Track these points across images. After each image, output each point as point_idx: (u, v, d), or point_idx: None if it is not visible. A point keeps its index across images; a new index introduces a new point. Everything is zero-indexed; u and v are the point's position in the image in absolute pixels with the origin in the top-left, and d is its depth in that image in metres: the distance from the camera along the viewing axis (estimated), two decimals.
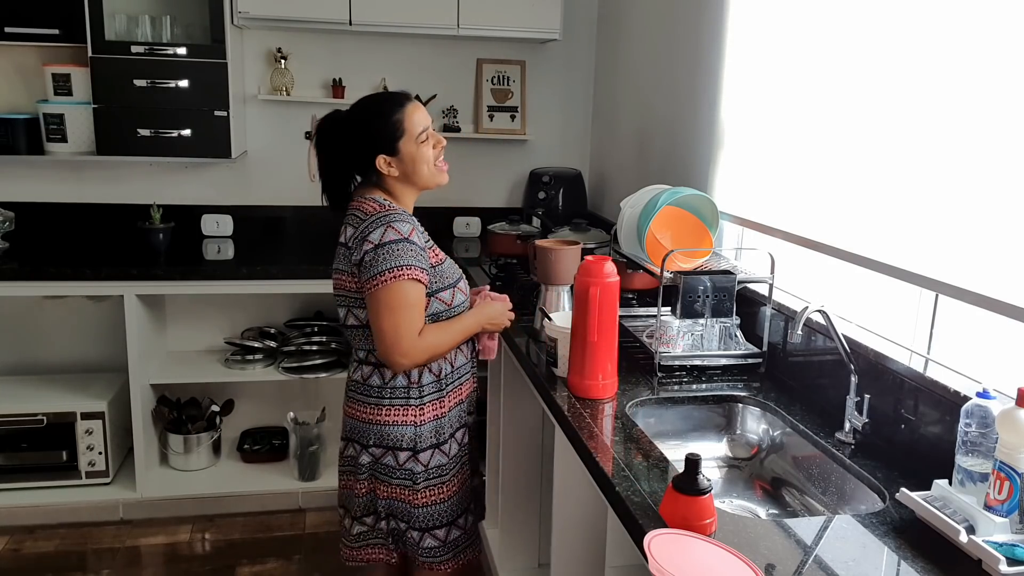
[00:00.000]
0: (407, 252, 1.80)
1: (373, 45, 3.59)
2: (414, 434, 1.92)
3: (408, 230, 1.82)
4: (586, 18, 3.75)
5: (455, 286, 1.95)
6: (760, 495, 1.87)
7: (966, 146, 1.56)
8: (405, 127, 1.86)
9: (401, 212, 1.87)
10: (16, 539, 3.07)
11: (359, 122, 1.89)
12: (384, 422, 1.91)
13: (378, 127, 1.87)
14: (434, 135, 1.92)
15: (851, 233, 1.89)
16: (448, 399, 1.97)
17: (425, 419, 1.93)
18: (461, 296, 1.97)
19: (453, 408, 1.99)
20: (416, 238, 1.84)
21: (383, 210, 1.85)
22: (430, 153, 1.90)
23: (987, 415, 1.34)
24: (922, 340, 1.75)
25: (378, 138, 1.87)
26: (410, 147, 1.87)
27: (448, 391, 1.97)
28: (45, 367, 3.53)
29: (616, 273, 1.85)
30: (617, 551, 1.59)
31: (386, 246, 1.79)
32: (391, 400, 1.92)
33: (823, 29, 2.01)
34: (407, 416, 1.91)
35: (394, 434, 1.91)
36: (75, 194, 3.48)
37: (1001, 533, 1.28)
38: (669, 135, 2.90)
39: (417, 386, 1.92)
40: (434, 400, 1.94)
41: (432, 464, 1.94)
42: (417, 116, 1.88)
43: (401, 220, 1.83)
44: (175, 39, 3.21)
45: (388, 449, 1.92)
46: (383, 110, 1.88)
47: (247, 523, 3.24)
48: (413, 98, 1.92)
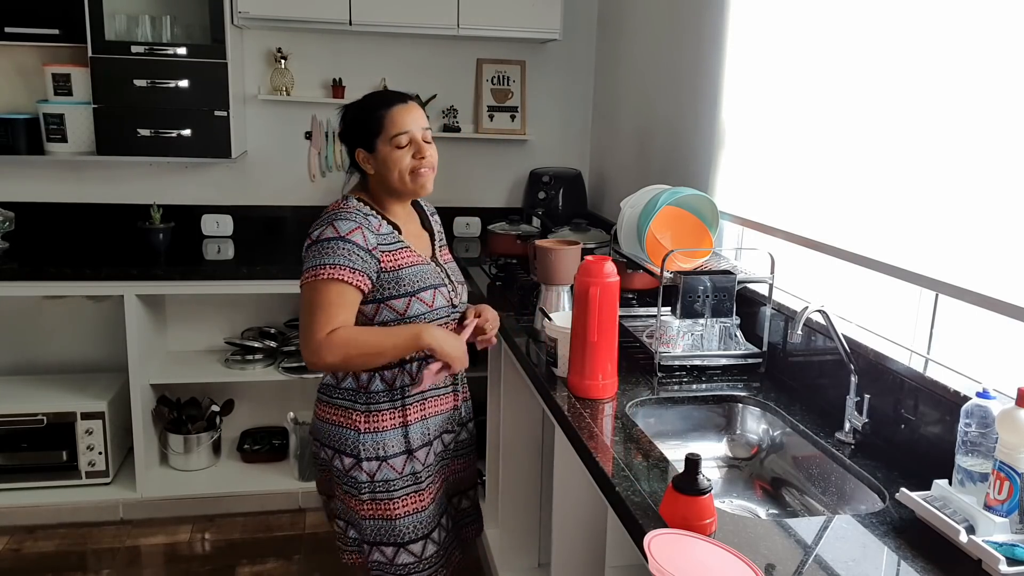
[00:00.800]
0: (337, 250, 1.73)
1: (373, 45, 3.59)
2: (356, 440, 1.85)
3: (349, 229, 1.76)
4: (586, 18, 3.75)
5: (415, 295, 1.83)
6: (760, 495, 1.87)
7: (966, 146, 1.56)
8: (383, 125, 1.81)
9: (352, 211, 1.81)
10: (16, 539, 3.07)
11: (351, 115, 1.87)
12: (331, 421, 1.89)
13: (360, 120, 1.84)
14: (418, 143, 1.83)
15: (851, 233, 1.89)
16: (405, 413, 1.88)
17: (370, 428, 1.85)
18: (422, 307, 1.83)
19: (413, 423, 1.89)
20: (359, 238, 1.76)
21: (337, 207, 1.82)
22: (405, 160, 1.82)
23: (987, 415, 1.34)
24: (922, 340, 1.75)
25: (359, 131, 1.84)
26: (385, 147, 1.81)
27: (407, 404, 1.88)
28: (45, 367, 3.53)
29: (616, 273, 1.85)
30: (617, 551, 1.59)
31: (319, 243, 1.75)
32: (339, 400, 1.88)
33: (823, 29, 2.01)
34: (350, 420, 1.86)
35: (337, 436, 1.87)
36: (75, 194, 3.48)
37: (1001, 533, 1.28)
38: (669, 135, 2.89)
39: (364, 391, 1.86)
40: (385, 411, 1.86)
41: (378, 478, 1.85)
42: (402, 118, 1.81)
43: (346, 219, 1.77)
44: (175, 39, 3.21)
45: (336, 451, 1.88)
46: (370, 104, 1.85)
47: (247, 523, 3.24)
48: (410, 100, 1.86)
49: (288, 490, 3.34)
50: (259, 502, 3.32)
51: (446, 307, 1.90)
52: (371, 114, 1.82)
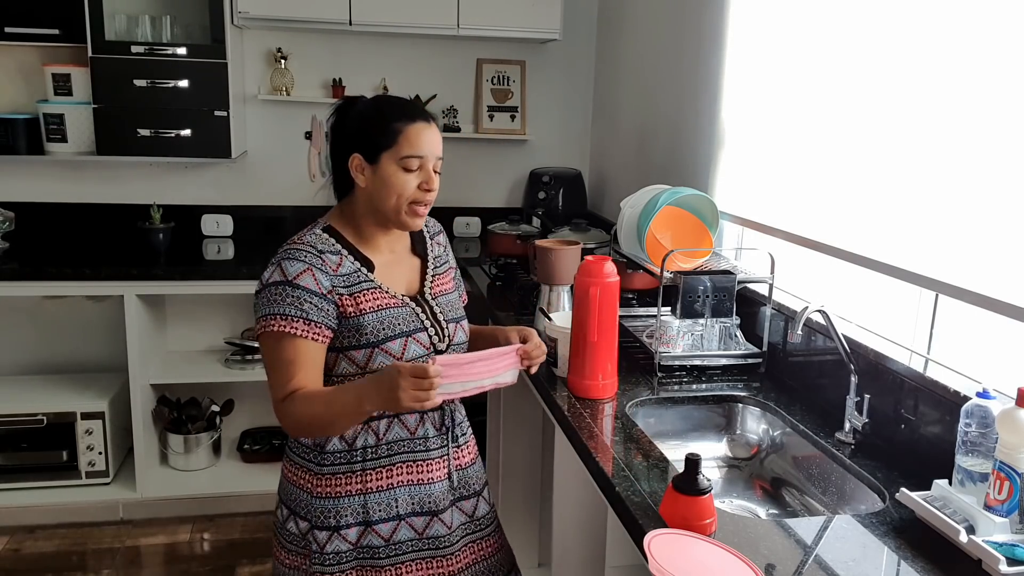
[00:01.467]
0: (286, 298, 1.49)
1: (373, 45, 3.59)
2: (308, 503, 1.59)
3: (297, 271, 1.51)
4: (586, 18, 3.75)
5: (378, 345, 1.54)
6: (760, 495, 1.87)
7: (966, 146, 1.56)
8: (397, 140, 1.53)
9: (305, 248, 1.55)
10: (16, 539, 3.07)
11: (361, 112, 1.59)
12: (288, 478, 1.65)
13: (371, 124, 1.55)
14: (428, 172, 1.56)
15: (851, 233, 1.89)
16: (364, 479, 1.58)
17: (322, 491, 1.58)
18: (386, 359, 1.54)
19: (375, 492, 1.58)
20: (309, 281, 1.50)
21: (294, 241, 1.57)
22: (409, 187, 1.54)
23: (987, 415, 1.34)
24: (922, 340, 1.75)
25: (365, 135, 1.55)
26: (390, 165, 1.53)
27: (366, 468, 1.58)
28: (45, 367, 3.53)
29: (616, 273, 1.85)
30: (617, 551, 1.59)
31: (268, 288, 1.52)
32: (295, 456, 1.64)
33: (823, 29, 2.01)
34: (303, 479, 1.61)
35: (293, 495, 1.62)
36: (75, 194, 3.48)
37: (1001, 533, 1.28)
38: (669, 135, 2.89)
39: (318, 450, 1.59)
40: (341, 474, 1.58)
41: (329, 549, 1.57)
42: (420, 138, 1.54)
43: (295, 258, 1.52)
44: (175, 39, 3.21)
45: (292, 513, 1.62)
46: (388, 112, 1.57)
47: (247, 523, 3.24)
48: (431, 119, 1.59)
49: None
50: (259, 502, 3.32)
51: (423, 357, 1.58)
52: (387, 123, 1.54)
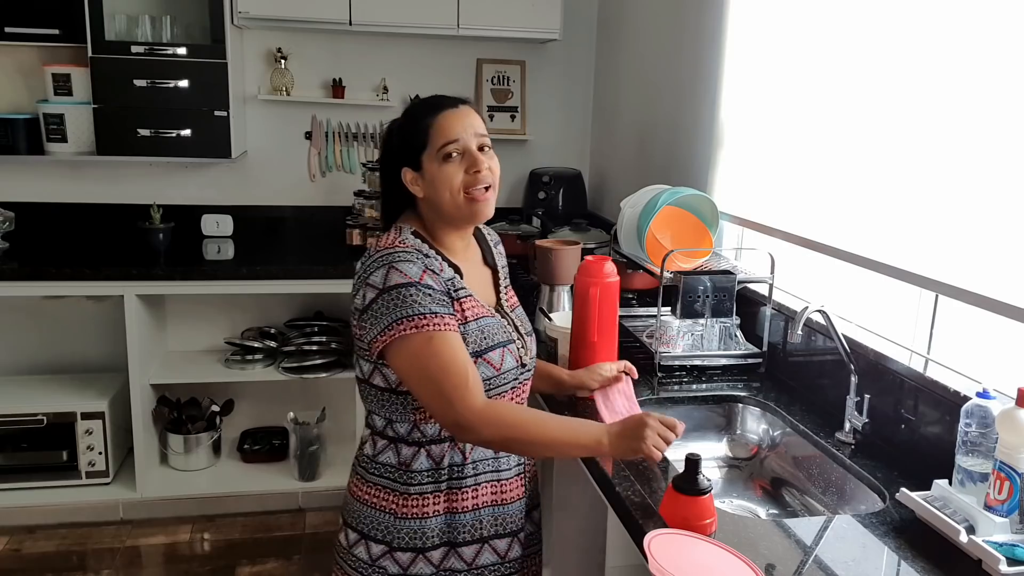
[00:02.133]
0: (420, 298, 1.40)
1: (373, 45, 3.59)
2: (391, 525, 1.51)
3: (416, 272, 1.42)
4: (586, 18, 3.75)
5: (481, 355, 1.48)
6: (760, 495, 1.87)
7: (965, 146, 1.56)
8: (429, 136, 1.46)
9: (411, 251, 1.45)
10: (16, 539, 3.07)
11: (398, 125, 1.54)
12: (363, 500, 1.54)
13: (406, 133, 1.50)
14: (471, 154, 1.47)
15: (851, 233, 1.89)
16: (450, 498, 1.51)
17: (409, 512, 1.50)
18: (488, 370, 1.49)
19: (460, 512, 1.52)
20: (430, 280, 1.43)
21: (392, 245, 1.47)
22: (456, 177, 1.46)
23: (987, 415, 1.34)
24: (922, 340, 1.75)
25: (405, 146, 1.50)
26: (432, 165, 1.46)
27: (451, 488, 1.51)
28: (45, 367, 3.53)
29: (616, 273, 1.85)
30: (617, 551, 1.59)
31: (392, 291, 1.40)
32: (375, 476, 1.53)
33: (823, 30, 2.01)
34: (387, 500, 1.52)
35: (370, 518, 1.53)
36: (75, 194, 3.48)
37: (1001, 533, 1.28)
38: (669, 135, 2.90)
39: (403, 469, 1.50)
40: (428, 493, 1.50)
41: (412, 572, 1.51)
42: (451, 125, 1.46)
43: (407, 260, 1.43)
44: (175, 39, 3.21)
45: (363, 537, 1.53)
46: (416, 113, 1.51)
47: (247, 523, 3.24)
48: (462, 103, 1.51)
49: (288, 490, 3.34)
50: (259, 502, 3.32)
51: (515, 369, 1.54)
52: (417, 124, 1.48)
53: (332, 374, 3.39)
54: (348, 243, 3.37)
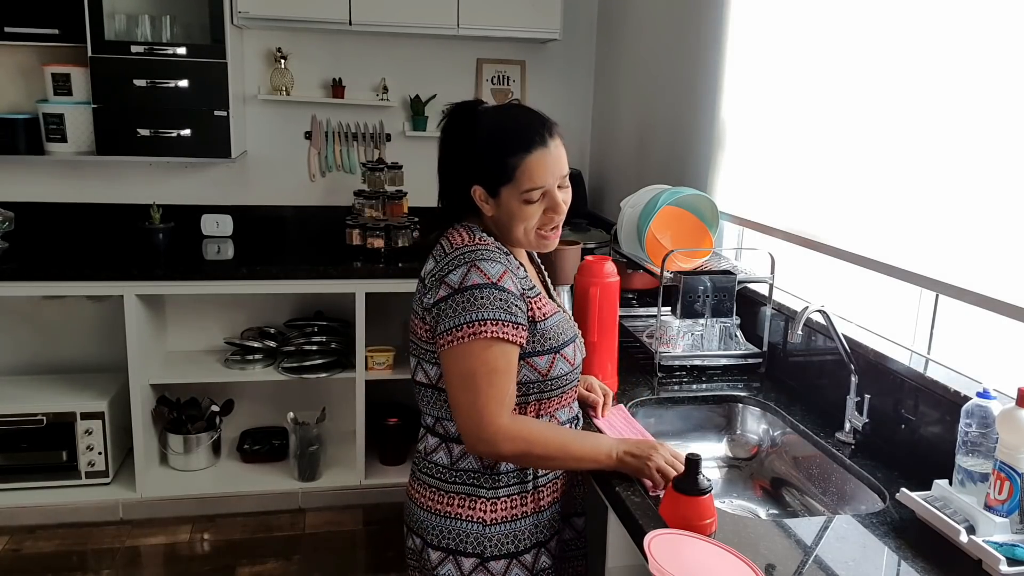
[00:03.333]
0: (493, 302, 1.39)
1: (373, 45, 3.59)
2: (480, 534, 1.47)
3: (499, 272, 1.41)
4: (586, 18, 3.75)
5: (559, 351, 1.49)
6: (760, 495, 1.87)
7: (966, 146, 1.56)
8: (516, 176, 1.43)
9: (493, 249, 1.45)
10: (16, 539, 3.07)
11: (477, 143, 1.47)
12: (446, 513, 1.49)
13: (488, 159, 1.45)
14: (553, 198, 1.46)
15: (851, 233, 1.89)
16: (537, 495, 1.52)
17: (498, 516, 1.48)
18: (565, 366, 1.51)
19: (545, 508, 1.53)
20: (510, 283, 1.42)
21: (472, 243, 1.45)
22: (533, 218, 1.46)
23: (987, 415, 1.34)
24: (922, 340, 1.75)
25: (483, 170, 1.46)
26: (512, 200, 1.45)
27: (539, 484, 1.52)
28: (45, 367, 3.52)
29: (616, 273, 1.85)
30: (617, 551, 1.59)
31: (466, 292, 1.39)
32: (455, 484, 1.49)
33: (823, 29, 2.01)
34: (475, 510, 1.48)
35: (456, 531, 1.48)
36: (75, 194, 3.48)
37: (1001, 533, 1.28)
38: (669, 135, 2.90)
39: (489, 473, 1.48)
40: (514, 493, 1.49)
41: None
42: (542, 171, 1.44)
43: (490, 259, 1.42)
44: (175, 39, 3.21)
45: (449, 553, 1.49)
46: (504, 145, 1.45)
47: (247, 523, 3.23)
48: (550, 136, 1.48)
49: (288, 490, 3.34)
50: (259, 502, 3.32)
51: (581, 364, 1.59)
52: (503, 159, 1.43)
53: (332, 374, 3.38)
54: (348, 243, 3.37)
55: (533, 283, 1.51)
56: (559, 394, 1.53)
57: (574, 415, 1.62)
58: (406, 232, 3.37)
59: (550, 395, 1.51)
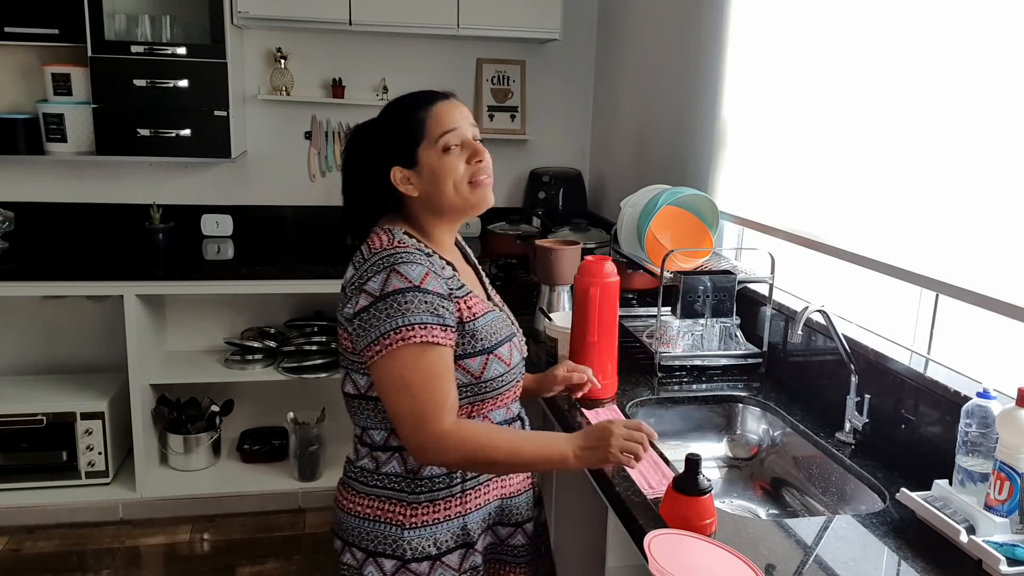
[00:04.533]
0: (418, 305, 1.34)
1: (373, 45, 3.59)
2: (399, 537, 1.44)
3: (420, 274, 1.36)
4: (586, 18, 3.75)
5: (492, 352, 1.44)
6: (760, 495, 1.87)
7: (966, 146, 1.56)
8: (426, 127, 1.42)
9: (413, 251, 1.40)
10: (16, 539, 3.07)
11: (378, 126, 1.48)
12: (367, 516, 1.47)
13: (394, 128, 1.44)
14: (472, 144, 1.44)
15: (851, 233, 1.89)
16: (464, 499, 1.47)
17: (418, 521, 1.45)
18: (500, 366, 1.45)
19: (474, 511, 1.49)
20: (433, 284, 1.37)
21: (391, 246, 1.40)
22: (460, 166, 1.42)
23: (987, 415, 1.34)
24: (922, 340, 1.75)
25: (393, 143, 1.44)
26: (431, 156, 1.42)
27: (466, 489, 1.47)
28: (45, 367, 3.52)
29: (616, 273, 1.85)
30: (617, 551, 1.59)
31: (389, 298, 1.34)
32: (377, 488, 1.47)
33: (824, 29, 2.01)
34: (393, 512, 1.45)
35: (377, 533, 1.46)
36: (75, 194, 3.48)
37: (1001, 533, 1.28)
38: (669, 135, 2.89)
39: (411, 477, 1.45)
40: (441, 499, 1.46)
41: None
42: (447, 116, 1.42)
43: (410, 261, 1.37)
44: (175, 39, 3.21)
45: (370, 555, 1.46)
46: (405, 107, 1.45)
47: (247, 523, 3.23)
48: (450, 96, 1.47)
49: (288, 490, 3.34)
50: (259, 502, 3.31)
51: (521, 363, 1.53)
52: (408, 118, 1.43)
53: (332, 374, 3.38)
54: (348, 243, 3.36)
55: (462, 282, 1.46)
56: (494, 396, 1.46)
57: (512, 416, 1.54)
58: None
59: (483, 397, 1.45)
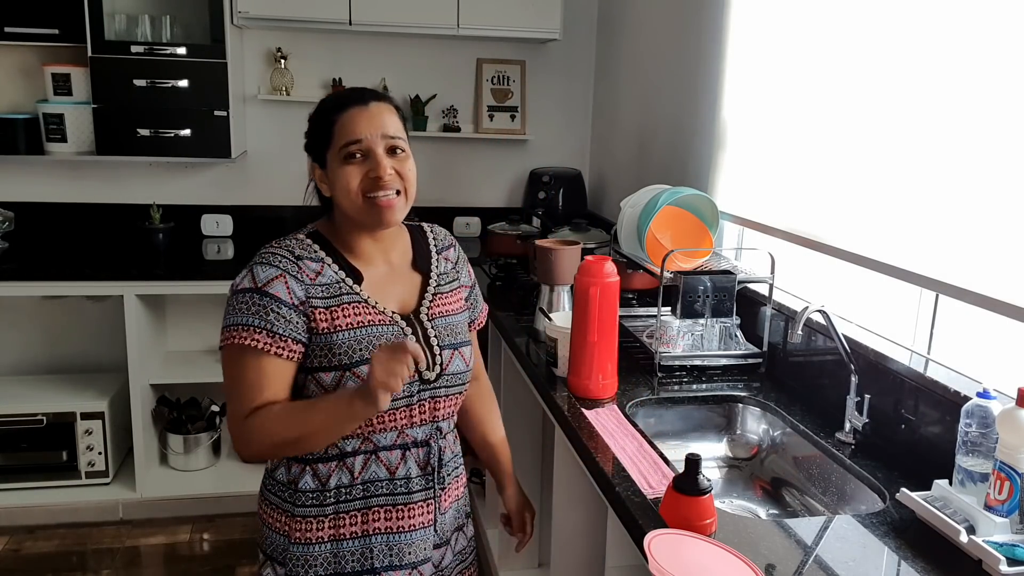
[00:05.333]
0: (252, 308, 1.35)
1: (373, 45, 3.59)
2: (284, 548, 1.41)
3: (268, 277, 1.35)
4: (586, 18, 3.75)
5: (349, 368, 1.35)
6: (760, 495, 1.87)
7: (966, 146, 1.56)
8: (334, 133, 1.37)
9: (280, 252, 1.39)
10: (16, 539, 3.07)
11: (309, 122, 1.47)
12: (261, 518, 1.47)
13: (312, 129, 1.44)
14: (376, 158, 1.36)
15: (851, 233, 1.89)
16: (337, 523, 1.39)
17: (297, 536, 1.40)
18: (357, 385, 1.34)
19: (348, 539, 1.39)
20: (280, 290, 1.34)
21: (274, 243, 1.43)
22: (355, 179, 1.36)
23: (987, 415, 1.34)
24: (922, 340, 1.75)
25: (312, 141, 1.44)
26: (334, 163, 1.38)
27: (339, 512, 1.39)
28: (45, 367, 3.53)
29: (616, 273, 1.85)
30: (617, 551, 1.59)
31: (235, 296, 1.38)
32: (271, 492, 1.46)
33: (824, 29, 2.01)
34: (279, 521, 1.43)
35: (268, 537, 1.45)
36: (75, 194, 3.48)
37: (1001, 533, 1.28)
38: (669, 135, 2.89)
39: (292, 488, 1.41)
40: (312, 517, 1.39)
41: None
42: (355, 123, 1.36)
43: (267, 263, 1.37)
44: (175, 39, 3.21)
45: (268, 559, 1.45)
46: (325, 109, 1.42)
47: (247, 523, 3.23)
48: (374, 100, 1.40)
49: None
50: None
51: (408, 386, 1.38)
52: (322, 119, 1.41)
53: None
54: None
55: (346, 289, 1.39)
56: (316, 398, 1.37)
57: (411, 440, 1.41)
58: None
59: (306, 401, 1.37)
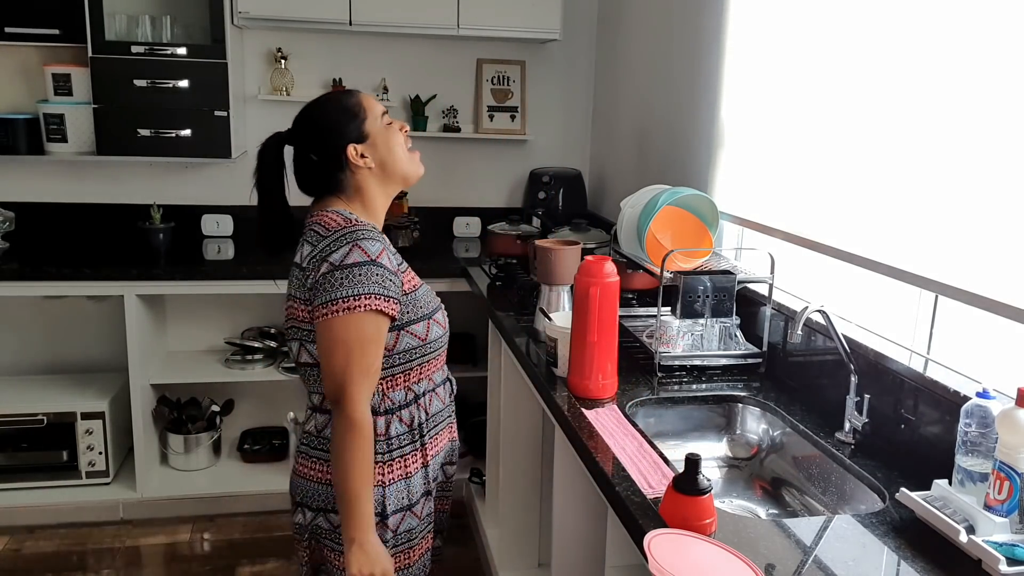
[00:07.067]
0: (372, 277, 1.51)
1: (373, 45, 3.59)
2: (381, 496, 1.60)
3: (378, 250, 1.54)
4: (586, 18, 3.75)
5: (431, 317, 1.65)
6: (760, 495, 1.87)
7: (966, 146, 1.56)
8: (364, 107, 1.63)
9: (371, 229, 1.58)
10: (16, 539, 3.07)
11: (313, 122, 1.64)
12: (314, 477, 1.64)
13: (339, 115, 1.62)
14: (398, 121, 1.70)
15: (851, 233, 1.89)
16: (425, 452, 1.67)
17: (395, 476, 1.62)
18: (438, 329, 1.67)
19: (430, 461, 1.69)
20: (387, 260, 1.55)
21: (349, 225, 1.56)
22: (399, 135, 1.67)
23: (987, 415, 1.35)
24: (922, 340, 1.75)
25: (343, 126, 1.61)
26: (377, 127, 1.63)
27: (425, 442, 1.67)
28: (45, 367, 3.53)
29: (616, 273, 1.85)
30: (617, 551, 1.59)
31: (347, 268, 1.50)
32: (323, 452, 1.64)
33: (823, 29, 2.01)
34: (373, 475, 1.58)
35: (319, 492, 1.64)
36: (75, 194, 3.48)
37: (1001, 533, 1.28)
38: (669, 135, 2.90)
39: (385, 439, 1.61)
40: (408, 454, 1.64)
41: (402, 529, 1.64)
42: (373, 100, 1.67)
43: (370, 238, 1.54)
44: (175, 39, 3.21)
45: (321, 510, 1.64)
46: (336, 97, 1.66)
47: (247, 523, 3.24)
48: None
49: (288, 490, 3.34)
50: (259, 502, 3.31)
51: (444, 335, 1.72)
52: (345, 104, 1.64)
53: None
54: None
55: (401, 259, 1.65)
56: (435, 356, 1.68)
57: (446, 376, 1.77)
58: (406, 232, 3.37)
59: (428, 358, 1.65)
